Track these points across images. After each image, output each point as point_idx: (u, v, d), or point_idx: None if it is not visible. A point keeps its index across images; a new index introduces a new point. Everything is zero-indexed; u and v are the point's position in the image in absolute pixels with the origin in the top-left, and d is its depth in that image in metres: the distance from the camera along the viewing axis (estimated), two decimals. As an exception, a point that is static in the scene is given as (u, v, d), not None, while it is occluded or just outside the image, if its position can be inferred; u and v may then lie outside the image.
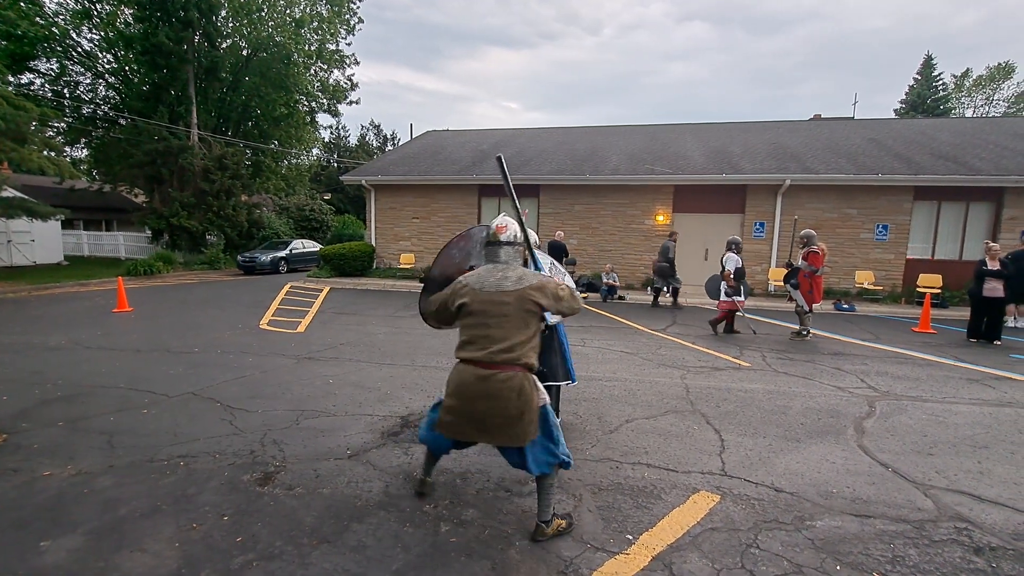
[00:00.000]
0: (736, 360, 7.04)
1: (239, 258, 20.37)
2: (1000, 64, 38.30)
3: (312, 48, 27.16)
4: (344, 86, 29.58)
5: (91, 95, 25.20)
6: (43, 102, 20.12)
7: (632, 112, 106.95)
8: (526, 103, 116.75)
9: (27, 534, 2.80)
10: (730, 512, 3.13)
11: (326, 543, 2.73)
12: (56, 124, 23.26)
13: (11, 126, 12.96)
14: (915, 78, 37.43)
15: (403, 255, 16.80)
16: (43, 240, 20.23)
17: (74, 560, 2.59)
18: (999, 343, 8.34)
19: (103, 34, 23.43)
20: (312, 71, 28.08)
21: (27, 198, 15.91)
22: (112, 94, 25.35)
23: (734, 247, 8.74)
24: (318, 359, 6.68)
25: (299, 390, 5.35)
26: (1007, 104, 38.61)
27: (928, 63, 36.70)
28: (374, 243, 17.25)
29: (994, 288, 8.32)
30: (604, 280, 13.39)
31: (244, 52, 26.26)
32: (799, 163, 14.33)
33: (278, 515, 2.99)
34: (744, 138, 17.39)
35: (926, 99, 36.06)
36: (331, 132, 46.17)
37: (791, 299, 9.01)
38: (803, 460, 3.88)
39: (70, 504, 3.11)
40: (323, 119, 70.32)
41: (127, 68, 24.29)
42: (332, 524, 2.91)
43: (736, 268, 8.61)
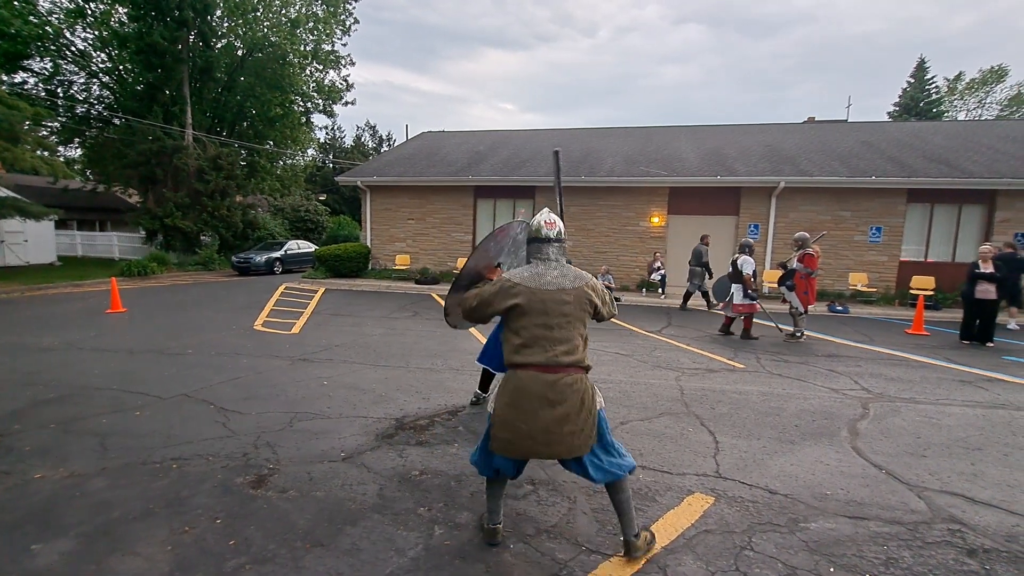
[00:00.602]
0: (730, 362, 7.06)
1: (234, 259, 20.29)
2: (993, 67, 38.56)
3: (307, 48, 27.11)
4: (339, 87, 29.52)
5: (85, 94, 25.03)
6: (36, 101, 19.96)
7: (627, 114, 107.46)
8: (522, 104, 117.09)
9: (19, 537, 2.77)
10: (724, 514, 3.13)
11: (320, 546, 2.72)
12: (50, 124, 23.12)
13: (4, 125, 12.90)
14: (908, 81, 37.62)
15: (398, 256, 16.77)
16: (36, 240, 20.09)
17: (66, 563, 2.57)
18: (992, 345, 8.39)
19: (97, 33, 23.29)
20: (307, 71, 28.02)
21: (20, 198, 15.82)
22: (106, 94, 25.19)
23: (747, 249, 8.71)
24: (313, 361, 6.65)
25: (293, 392, 5.33)
26: (1000, 107, 38.87)
27: (921, 66, 36.91)
28: (369, 244, 17.22)
29: (986, 290, 8.38)
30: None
31: (239, 52, 26.16)
32: (793, 165, 14.40)
33: (271, 518, 2.98)
34: (738, 140, 17.46)
35: (919, 102, 36.27)
36: (326, 133, 46.10)
37: (785, 301, 9.05)
38: (797, 462, 3.89)
39: (62, 507, 3.08)
40: (318, 120, 70.22)
41: (121, 67, 24.14)
42: (326, 527, 2.90)
43: (753, 270, 8.59)
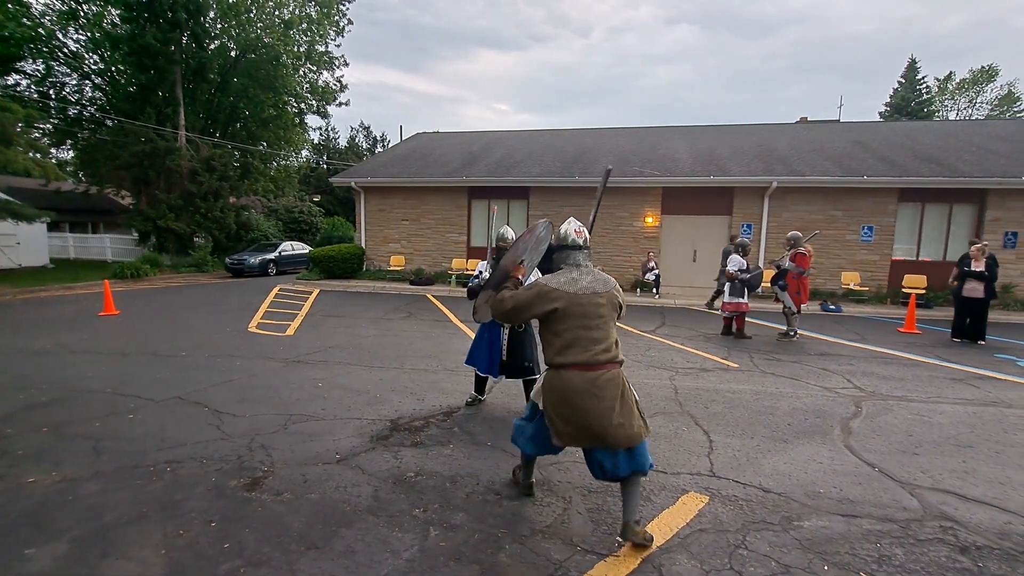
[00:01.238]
0: (724, 361, 7.09)
1: (227, 260, 20.18)
2: (983, 67, 38.93)
3: (301, 49, 27.01)
4: (333, 87, 29.45)
5: (77, 96, 24.85)
6: (29, 103, 19.80)
7: (621, 114, 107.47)
8: (516, 105, 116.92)
9: (11, 541, 2.76)
10: (719, 513, 3.15)
11: (314, 549, 2.71)
12: (42, 125, 22.92)
13: (-5, 127, 12.79)
14: (899, 81, 37.91)
15: (393, 257, 16.74)
16: (28, 243, 19.93)
17: (59, 568, 2.55)
18: (983, 343, 8.47)
19: (89, 35, 23.12)
20: (301, 72, 27.91)
21: (12, 200, 15.72)
22: (98, 95, 25.02)
23: (740, 249, 8.74)
24: (307, 362, 6.64)
25: (287, 394, 5.31)
26: (990, 107, 39.22)
27: (912, 66, 37.20)
28: (364, 245, 17.18)
29: (974, 288, 8.45)
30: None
31: (232, 53, 26.04)
32: (785, 165, 14.47)
33: (266, 521, 2.97)
34: (731, 140, 17.53)
35: (910, 102, 36.54)
36: (320, 134, 45.88)
37: (778, 300, 9.09)
38: (790, 460, 3.92)
39: (55, 511, 3.07)
40: (312, 120, 70.15)
41: (114, 69, 23.98)
42: (320, 530, 2.89)
43: (739, 268, 8.62)
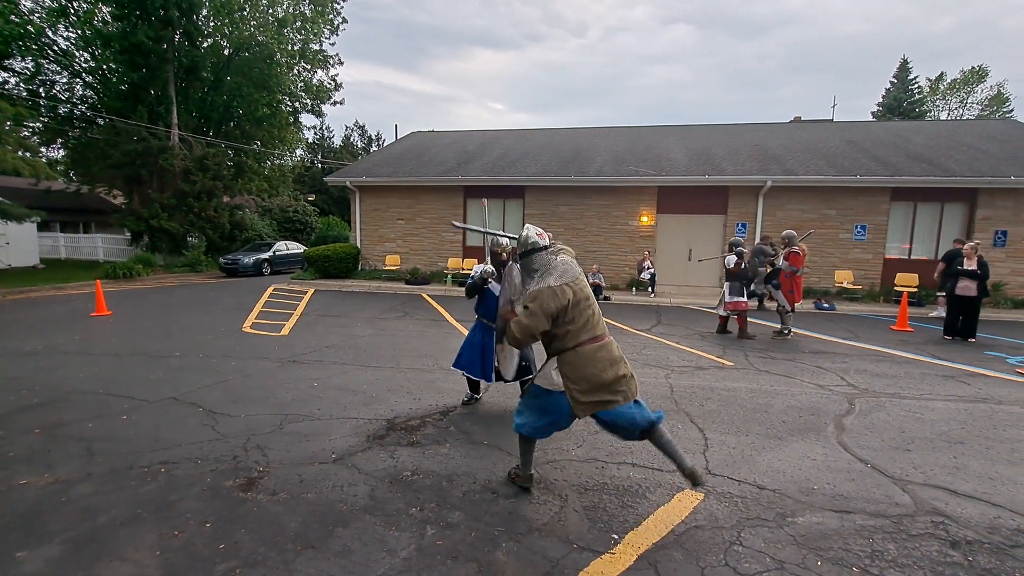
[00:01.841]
0: (719, 359, 7.12)
1: (221, 260, 20.08)
2: (973, 68, 39.27)
3: (295, 48, 26.89)
4: (328, 86, 29.32)
5: (68, 94, 24.62)
6: (18, 101, 19.59)
7: (616, 114, 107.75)
8: (511, 104, 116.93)
9: (3, 544, 2.74)
10: (714, 510, 3.17)
11: (311, 548, 2.71)
12: (31, 124, 22.70)
13: (-16, 126, 12.66)
14: (892, 81, 38.17)
15: (388, 256, 16.70)
16: (18, 242, 19.75)
17: (52, 570, 2.54)
18: (974, 340, 8.55)
19: (80, 32, 22.90)
20: (295, 71, 27.79)
21: (1, 199, 15.54)
22: (89, 93, 24.80)
23: (734, 248, 8.76)
24: (302, 362, 6.62)
25: (283, 394, 5.29)
26: (980, 107, 39.58)
27: (904, 67, 37.46)
28: (359, 245, 17.13)
29: (967, 287, 8.53)
30: (590, 281, 13.47)
31: (226, 51, 25.88)
32: (780, 165, 14.55)
33: (261, 521, 2.97)
34: (726, 140, 17.60)
35: (902, 102, 36.79)
36: (315, 133, 45.72)
37: (772, 299, 9.13)
38: (785, 457, 3.94)
39: (47, 513, 3.05)
40: (307, 119, 69.53)
41: (105, 67, 23.77)
42: (317, 529, 2.89)
43: (728, 268, 8.64)
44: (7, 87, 22.15)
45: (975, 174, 12.94)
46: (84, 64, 24.16)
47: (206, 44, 25.01)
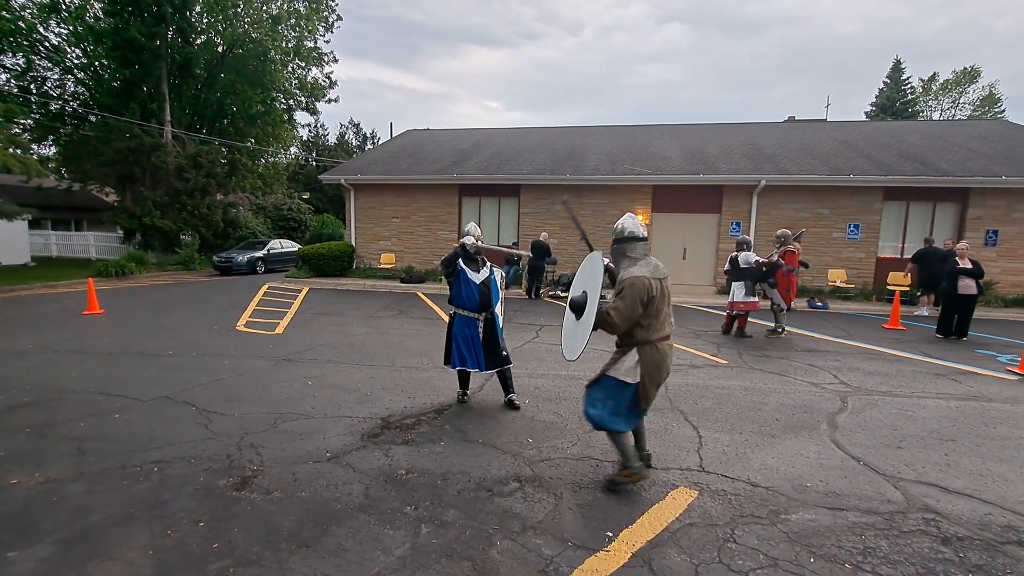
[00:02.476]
0: (713, 358, 7.15)
1: (215, 258, 19.98)
2: (966, 68, 39.55)
3: (289, 45, 26.69)
4: (322, 84, 29.13)
5: (59, 91, 24.36)
6: (8, 98, 19.43)
7: (611, 113, 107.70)
8: (507, 103, 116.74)
9: (-7, 545, 2.71)
10: (708, 507, 3.18)
11: (305, 547, 2.70)
12: (22, 120, 22.48)
13: (-26, 123, 12.54)
14: (885, 82, 38.40)
15: (383, 255, 16.67)
16: (9, 240, 19.59)
17: (43, 571, 2.52)
18: (965, 339, 8.61)
19: (72, 28, 22.67)
20: (289, 68, 27.58)
21: (-9, 197, 15.41)
22: (81, 90, 24.54)
23: (746, 246, 8.71)
24: (296, 361, 6.59)
25: (277, 393, 5.27)
26: (972, 107, 39.86)
27: (897, 67, 37.68)
28: (354, 243, 17.07)
29: (968, 285, 8.58)
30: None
31: (219, 48, 25.68)
32: (774, 164, 14.60)
33: (255, 520, 2.95)
34: (720, 139, 17.65)
35: (895, 102, 37.01)
36: (309, 130, 45.44)
37: (766, 297, 9.18)
38: (778, 455, 3.96)
39: (38, 513, 3.02)
40: (301, 117, 69.04)
41: (97, 63, 23.53)
42: (311, 528, 2.88)
43: (756, 261, 8.65)
44: (-3, 83, 21.93)
45: (967, 174, 13.04)
46: (76, 60, 23.92)
47: (200, 41, 24.82)
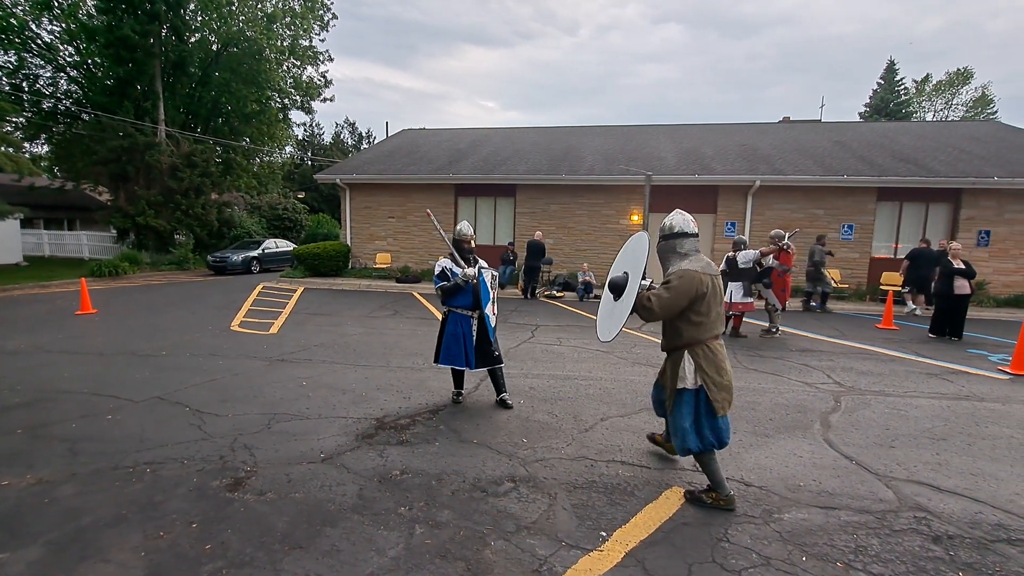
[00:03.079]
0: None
1: (209, 258, 19.89)
2: (958, 70, 39.83)
3: (284, 44, 26.61)
4: (318, 83, 29.04)
5: (52, 89, 24.20)
6: (0, 96, 19.29)
7: (607, 112, 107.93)
8: (503, 102, 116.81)
9: (-17, 547, 2.69)
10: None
11: (298, 548, 2.70)
12: (14, 119, 22.30)
13: (-36, 121, 12.44)
14: (879, 82, 38.61)
15: (379, 255, 16.63)
16: (1, 240, 19.41)
17: (34, 573, 2.50)
18: (957, 339, 8.67)
19: (64, 26, 22.54)
20: (284, 67, 27.50)
21: (-18, 196, 15.30)
22: (74, 88, 24.38)
23: (743, 245, 8.75)
24: (291, 361, 6.57)
25: (271, 393, 5.26)
26: (965, 108, 40.13)
27: (891, 68, 37.91)
28: (349, 243, 17.04)
29: (963, 285, 8.63)
30: (580, 279, 13.53)
31: (214, 47, 25.58)
32: (768, 164, 14.67)
33: (249, 521, 2.94)
34: (715, 140, 17.71)
35: (889, 103, 37.23)
36: (305, 130, 45.36)
37: (761, 297, 9.21)
38: (771, 455, 3.98)
39: (29, 514, 3.00)
40: (296, 116, 69.19)
41: (90, 61, 23.38)
42: (304, 529, 2.87)
43: (754, 260, 8.66)
44: (-11, 81, 21.76)
45: (959, 175, 13.13)
46: (69, 58, 23.77)
47: (194, 39, 24.72)
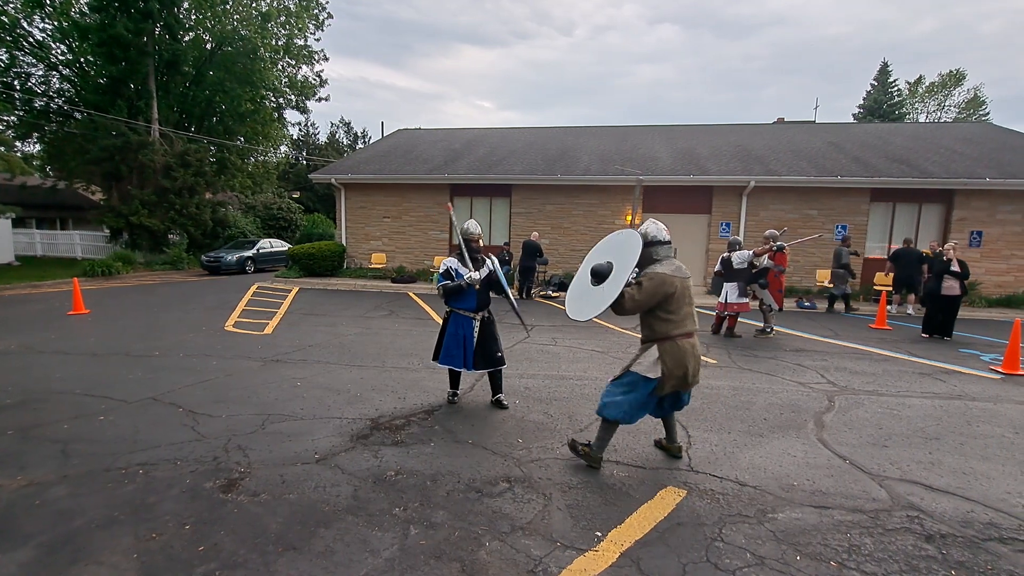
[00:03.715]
0: (703, 358, 7.17)
1: (203, 258, 19.80)
2: (951, 71, 40.13)
3: (279, 43, 26.50)
4: (313, 82, 28.95)
5: (44, 87, 24.01)
6: (-9, 94, 19.15)
7: (603, 113, 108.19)
8: (499, 102, 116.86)
9: (-27, 549, 2.67)
10: (696, 507, 3.20)
11: (292, 550, 2.68)
12: (6, 117, 22.13)
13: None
14: (872, 84, 38.87)
15: (374, 255, 16.60)
16: (-9, 239, 19.29)
17: (26, 575, 2.48)
18: (949, 339, 8.73)
19: (56, 23, 22.35)
20: (279, 66, 27.40)
21: (-27, 195, 15.16)
22: (67, 87, 24.20)
23: (738, 246, 8.77)
24: (286, 361, 6.55)
25: (265, 393, 5.23)
26: (957, 109, 40.45)
27: (884, 69, 38.17)
28: (344, 243, 16.99)
29: (951, 286, 8.70)
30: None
31: (208, 46, 25.44)
32: (763, 165, 14.73)
33: (242, 522, 2.93)
34: (710, 140, 17.77)
35: (882, 104, 37.48)
36: (300, 129, 45.16)
37: (756, 297, 9.24)
38: (766, 454, 4.00)
39: (21, 516, 2.98)
40: (291, 116, 68.99)
41: (82, 60, 23.20)
42: (298, 530, 2.86)
43: (722, 268, 8.70)
44: (-20, 80, 21.56)
45: (952, 175, 13.23)
46: (61, 57, 23.57)
47: (188, 38, 24.55)
